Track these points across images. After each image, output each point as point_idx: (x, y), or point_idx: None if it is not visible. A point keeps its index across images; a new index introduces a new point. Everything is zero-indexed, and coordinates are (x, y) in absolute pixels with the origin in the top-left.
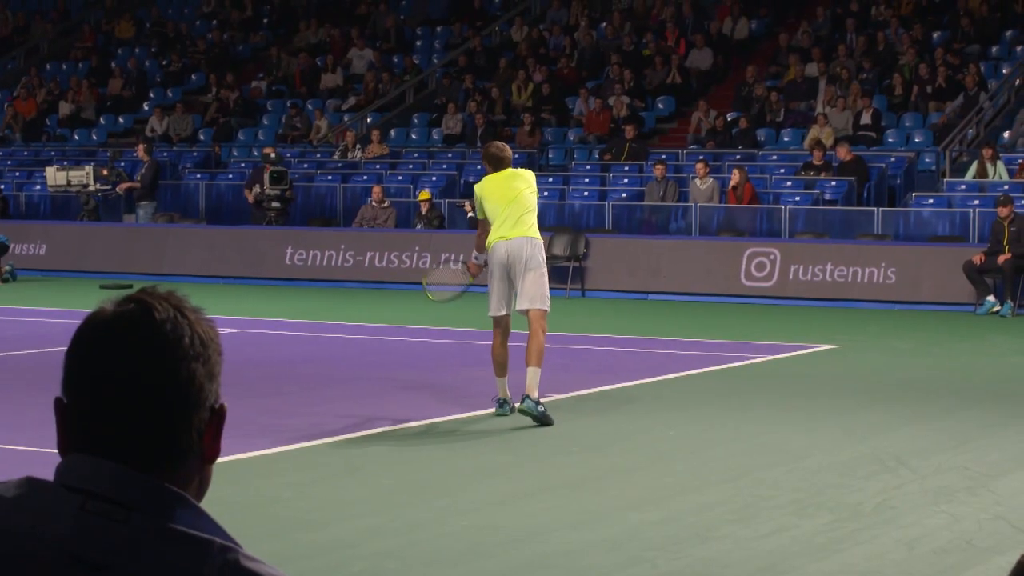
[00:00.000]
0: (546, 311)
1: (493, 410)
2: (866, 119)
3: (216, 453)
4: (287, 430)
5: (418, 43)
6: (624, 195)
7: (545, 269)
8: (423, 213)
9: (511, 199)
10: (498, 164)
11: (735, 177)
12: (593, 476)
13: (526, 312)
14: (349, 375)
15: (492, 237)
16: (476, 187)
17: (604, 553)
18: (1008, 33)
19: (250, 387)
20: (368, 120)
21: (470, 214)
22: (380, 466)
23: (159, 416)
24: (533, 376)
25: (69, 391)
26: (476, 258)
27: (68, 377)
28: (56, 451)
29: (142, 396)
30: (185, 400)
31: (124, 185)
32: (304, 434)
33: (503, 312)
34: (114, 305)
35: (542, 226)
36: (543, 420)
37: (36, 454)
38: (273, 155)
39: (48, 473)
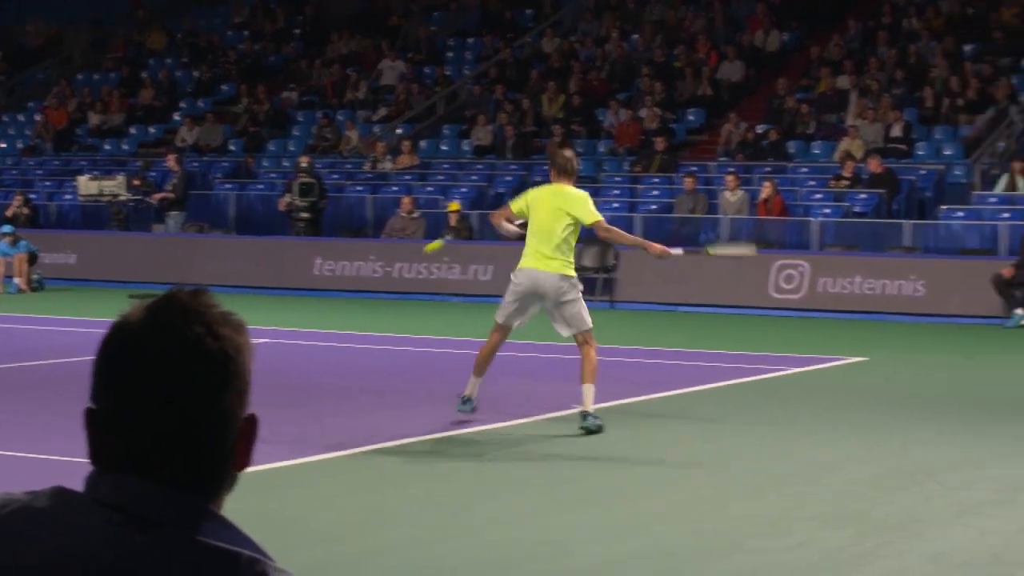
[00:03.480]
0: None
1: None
2: (897, 132)
3: (247, 463)
4: (315, 441)
5: (449, 54)
6: (654, 207)
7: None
8: (452, 224)
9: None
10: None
11: (765, 190)
12: (621, 488)
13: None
14: (377, 386)
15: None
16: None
17: (632, 566)
18: None
19: (278, 398)
20: (398, 131)
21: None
22: (408, 477)
23: (194, 438)
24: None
25: (99, 402)
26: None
27: (98, 387)
28: (87, 461)
29: (178, 418)
30: (222, 423)
31: (159, 195)
32: (332, 445)
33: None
34: (147, 316)
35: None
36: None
37: (65, 464)
38: (305, 164)
39: (77, 484)
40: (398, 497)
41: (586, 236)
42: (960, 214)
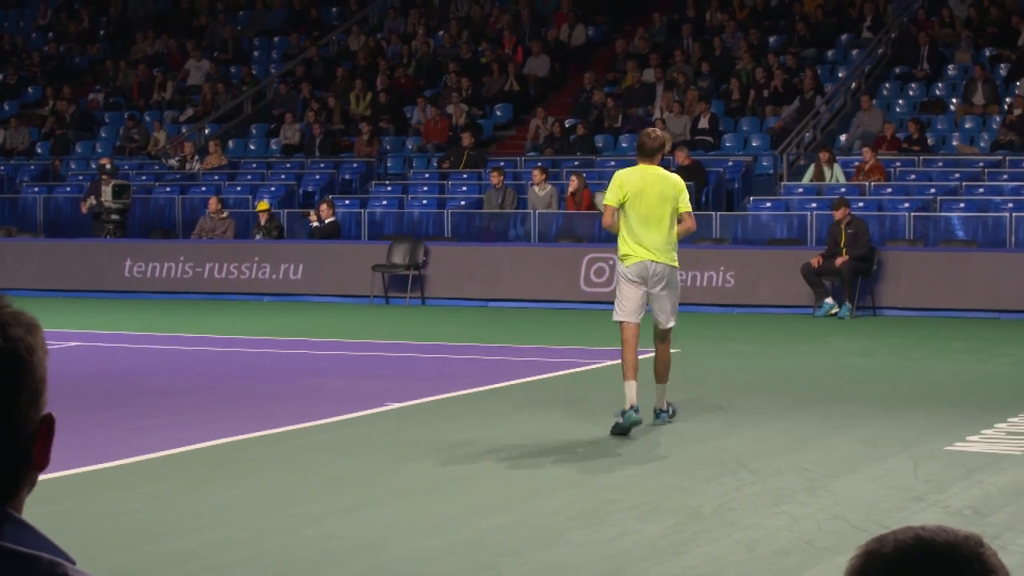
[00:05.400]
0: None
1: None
2: (704, 124)
3: (46, 463)
4: (132, 442)
5: (256, 53)
6: (463, 203)
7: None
8: (262, 223)
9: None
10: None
11: (573, 183)
12: (439, 483)
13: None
14: (191, 387)
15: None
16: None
17: (450, 559)
18: (843, 37)
19: (93, 400)
20: (206, 131)
21: (314, 223)
22: (227, 477)
23: None
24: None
25: None
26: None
27: None
28: None
29: None
30: (14, 425)
31: None
32: (148, 446)
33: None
34: None
35: (380, 235)
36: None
37: None
38: (109, 166)
39: None
40: (216, 497)
41: (396, 233)
42: (768, 205)
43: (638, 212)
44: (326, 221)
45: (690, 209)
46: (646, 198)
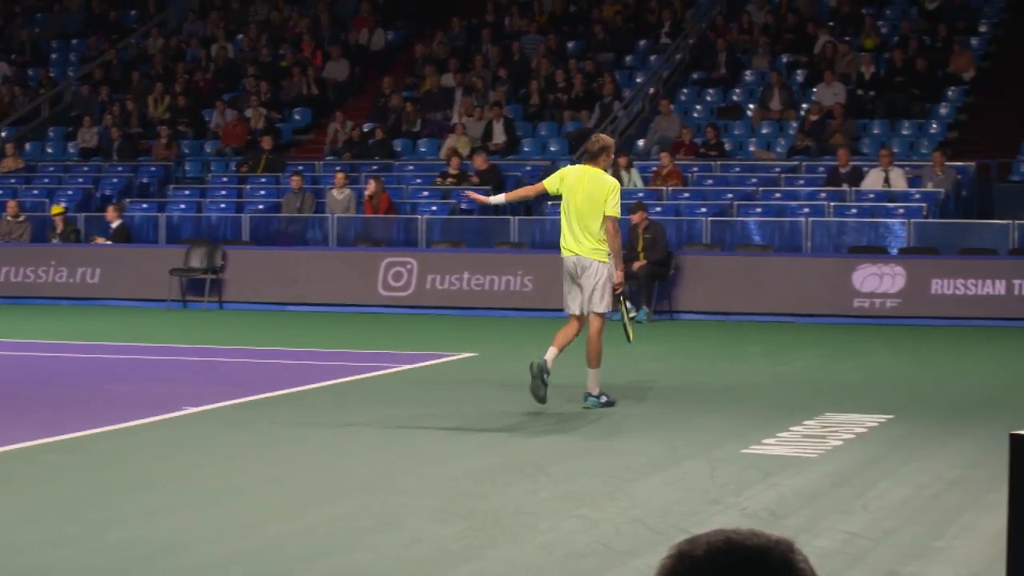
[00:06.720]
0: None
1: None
2: (501, 128)
3: None
4: None
5: (53, 56)
6: (261, 207)
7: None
8: (58, 228)
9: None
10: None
11: (371, 187)
12: (233, 488)
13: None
14: None
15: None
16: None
17: (244, 565)
18: (642, 43)
19: None
20: (3, 134)
21: (107, 243)
22: (20, 483)
23: None
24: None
25: None
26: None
27: None
28: None
29: None
30: None
31: None
32: None
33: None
34: None
35: (178, 239)
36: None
37: None
38: None
39: None
40: (8, 504)
41: (194, 236)
42: None
43: (569, 208)
44: (113, 225)
45: (614, 214)
46: (575, 196)
